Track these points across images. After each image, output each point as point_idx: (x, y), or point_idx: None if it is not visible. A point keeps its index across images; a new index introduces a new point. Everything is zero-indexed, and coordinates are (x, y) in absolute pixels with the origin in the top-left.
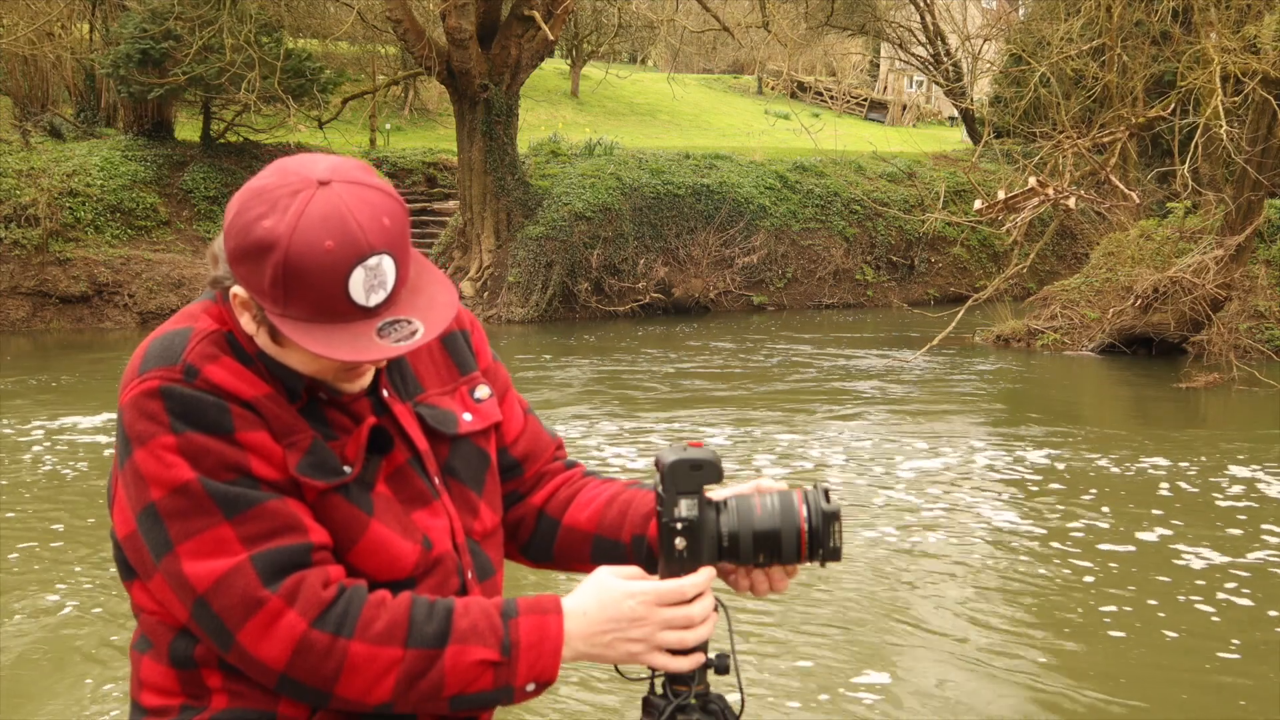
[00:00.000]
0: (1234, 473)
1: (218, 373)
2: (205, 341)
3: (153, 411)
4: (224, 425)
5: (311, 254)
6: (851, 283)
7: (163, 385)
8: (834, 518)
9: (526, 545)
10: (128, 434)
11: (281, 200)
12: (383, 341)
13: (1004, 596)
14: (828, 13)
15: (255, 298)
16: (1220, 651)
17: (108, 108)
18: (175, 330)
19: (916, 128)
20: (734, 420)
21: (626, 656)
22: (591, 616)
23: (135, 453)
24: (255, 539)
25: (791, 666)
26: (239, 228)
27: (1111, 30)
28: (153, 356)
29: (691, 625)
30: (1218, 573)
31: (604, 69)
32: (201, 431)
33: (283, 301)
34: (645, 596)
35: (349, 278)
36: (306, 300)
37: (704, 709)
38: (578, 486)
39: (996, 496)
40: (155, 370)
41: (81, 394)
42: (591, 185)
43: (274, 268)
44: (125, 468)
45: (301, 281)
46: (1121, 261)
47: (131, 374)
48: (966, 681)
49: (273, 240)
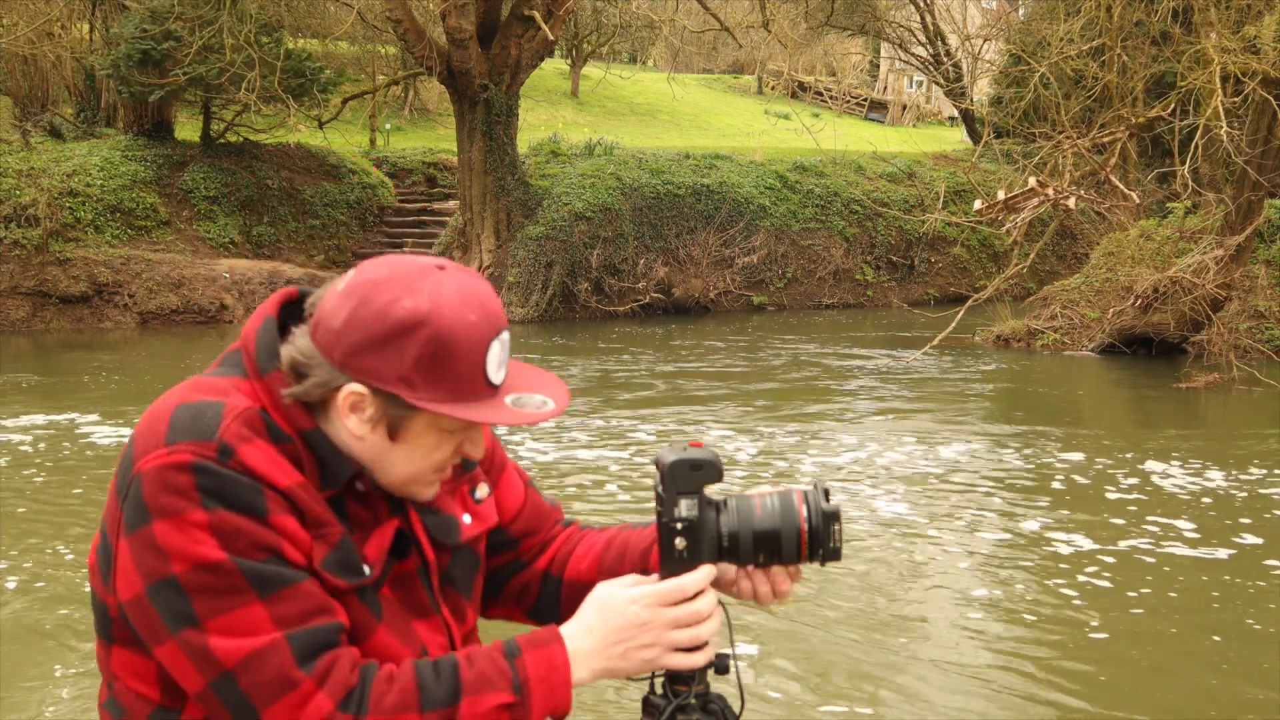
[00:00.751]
0: (1232, 473)
1: (253, 456)
2: (240, 420)
3: (182, 487)
4: (258, 507)
5: (459, 326)
6: (851, 283)
7: (194, 461)
8: (834, 518)
9: (533, 608)
10: (147, 504)
11: (414, 283)
12: (524, 410)
13: (1004, 597)
14: (828, 13)
15: (386, 388)
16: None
17: (108, 108)
18: (205, 403)
19: (916, 128)
20: (734, 420)
21: (643, 664)
22: (599, 632)
23: (155, 523)
24: (289, 619)
25: (791, 666)
26: (370, 316)
27: (1111, 30)
28: (181, 428)
29: (700, 620)
30: (1219, 570)
31: (604, 69)
32: (235, 511)
33: (424, 383)
34: (648, 599)
35: (488, 352)
36: (449, 377)
37: (704, 709)
38: (575, 541)
39: (996, 497)
40: (186, 444)
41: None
42: (591, 185)
43: (422, 345)
44: (136, 535)
45: (449, 357)
46: (1121, 261)
47: (154, 442)
48: (967, 688)
49: (420, 317)
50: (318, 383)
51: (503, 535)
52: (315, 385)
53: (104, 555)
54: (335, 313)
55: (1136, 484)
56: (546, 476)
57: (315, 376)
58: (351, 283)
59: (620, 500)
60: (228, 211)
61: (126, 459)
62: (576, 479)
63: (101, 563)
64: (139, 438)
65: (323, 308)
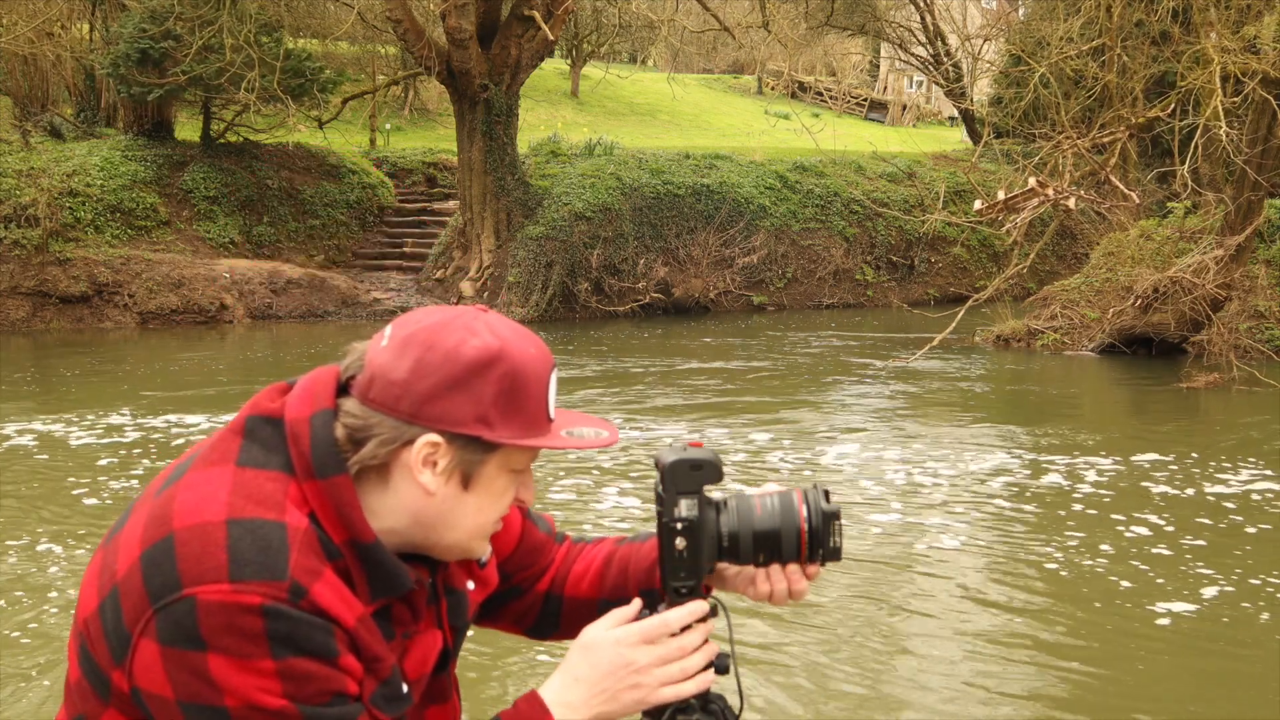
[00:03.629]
0: (1233, 473)
1: (325, 594)
2: (306, 548)
3: (251, 632)
4: (330, 650)
5: (527, 360)
6: (851, 283)
7: (266, 604)
8: (834, 517)
9: (533, 627)
10: (204, 636)
11: (471, 324)
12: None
13: (1004, 597)
14: (828, 13)
15: (465, 430)
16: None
17: (108, 108)
18: (264, 523)
19: (916, 128)
20: (733, 420)
21: (632, 704)
22: (586, 680)
23: (212, 657)
24: None
25: (790, 667)
26: (440, 360)
27: (1111, 30)
28: (248, 560)
29: (684, 655)
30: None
31: (604, 69)
32: (306, 656)
33: (501, 420)
34: (631, 639)
35: (549, 384)
36: (523, 412)
37: (704, 709)
38: (573, 557)
39: (996, 497)
40: (256, 585)
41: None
42: (591, 185)
43: (499, 381)
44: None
45: (522, 391)
46: (1121, 261)
47: (212, 569)
48: (968, 686)
49: (494, 353)
50: (383, 441)
51: (499, 572)
52: (380, 445)
53: (114, 632)
54: (395, 365)
55: (1137, 484)
56: (544, 478)
57: (379, 436)
58: (402, 336)
59: (620, 500)
60: (228, 211)
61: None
62: (575, 480)
63: (111, 637)
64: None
65: (373, 366)
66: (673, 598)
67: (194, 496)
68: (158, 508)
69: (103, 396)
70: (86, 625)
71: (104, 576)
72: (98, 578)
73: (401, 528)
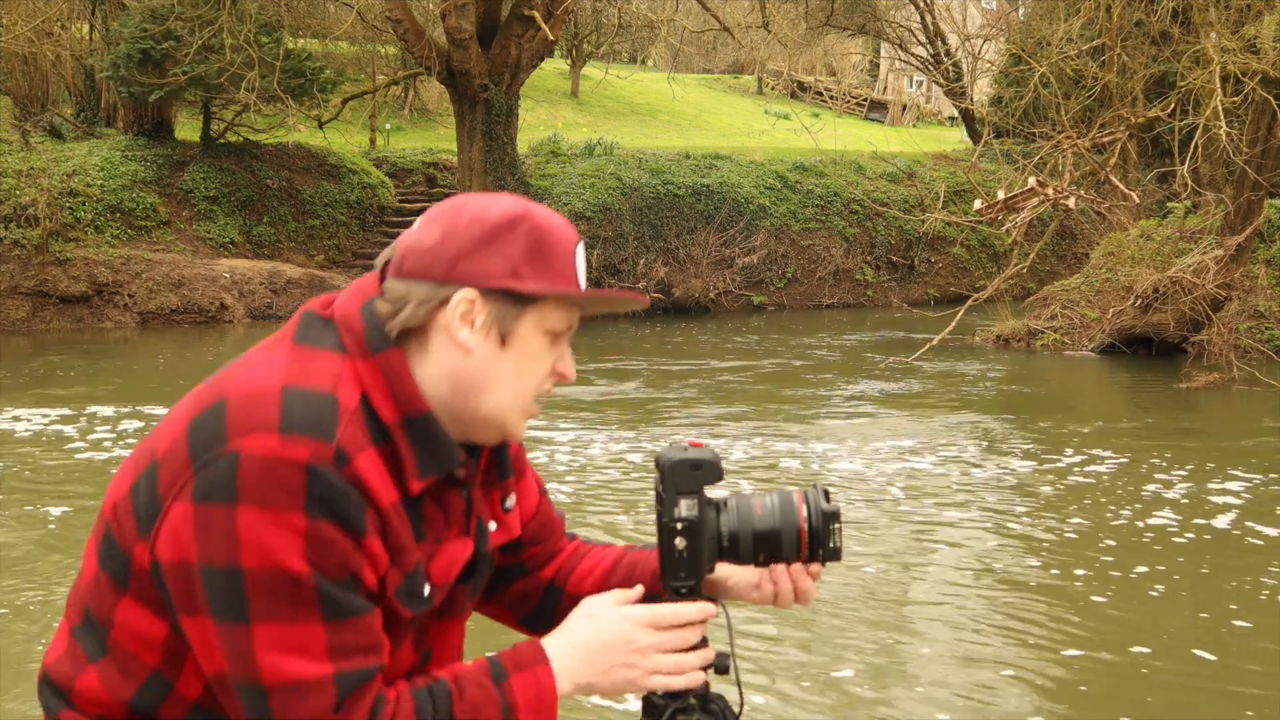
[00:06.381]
0: (1232, 473)
1: (366, 468)
2: (354, 425)
3: (291, 485)
4: (359, 524)
5: (553, 223)
6: (851, 283)
7: (311, 462)
8: (834, 517)
9: (528, 617)
10: (240, 485)
11: (493, 196)
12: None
13: (1005, 597)
14: (828, 13)
15: (499, 283)
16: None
17: (108, 108)
18: (319, 393)
19: (916, 128)
20: (732, 421)
21: (624, 683)
22: (585, 646)
23: (243, 508)
24: (343, 652)
25: (790, 666)
26: (468, 223)
27: (1111, 30)
28: (299, 418)
29: (684, 648)
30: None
31: (604, 69)
32: (336, 524)
33: (532, 274)
34: (641, 619)
35: (576, 251)
36: (552, 269)
37: (704, 709)
38: (581, 555)
39: (995, 497)
40: (305, 440)
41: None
42: (591, 185)
43: (526, 236)
44: (208, 507)
45: (550, 249)
46: (1121, 261)
47: (263, 421)
48: (969, 685)
49: (519, 213)
50: (420, 302)
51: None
52: (418, 306)
53: (146, 504)
54: (424, 236)
55: (1137, 484)
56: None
57: (415, 298)
58: (430, 215)
59: (618, 504)
60: (228, 211)
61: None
62: (573, 480)
63: (141, 509)
64: (236, 408)
65: (404, 246)
66: (672, 597)
67: (249, 369)
68: (208, 386)
69: (103, 395)
70: (114, 509)
71: (141, 457)
72: (133, 463)
73: (442, 398)
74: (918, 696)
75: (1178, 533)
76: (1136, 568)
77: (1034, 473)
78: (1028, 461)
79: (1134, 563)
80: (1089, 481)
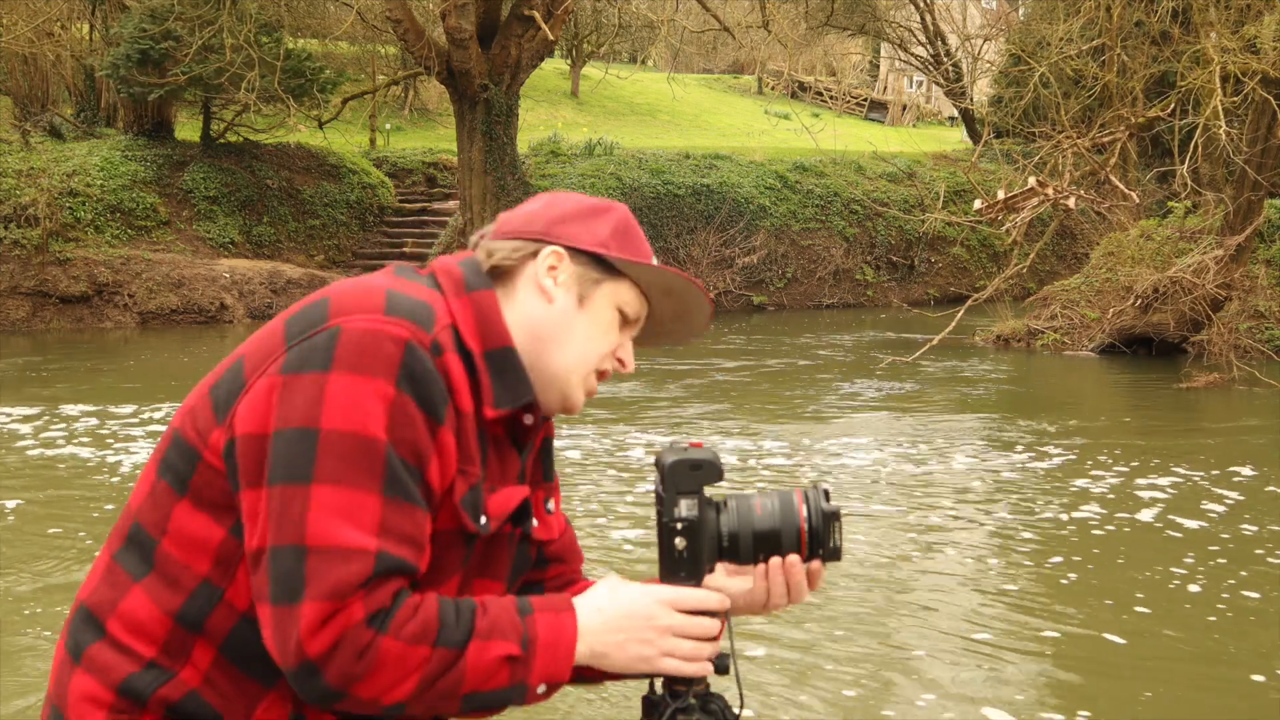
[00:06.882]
0: (1232, 472)
1: (455, 368)
2: (447, 331)
3: (389, 355)
4: (440, 413)
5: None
6: (851, 283)
7: (411, 340)
8: (834, 517)
9: None
10: (337, 353)
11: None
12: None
13: (1006, 597)
14: (828, 13)
15: (587, 248)
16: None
17: (108, 108)
18: (420, 301)
19: (916, 128)
20: (732, 421)
21: (636, 659)
22: (607, 613)
23: (335, 373)
24: (390, 533)
25: (789, 666)
26: (568, 200)
27: (1111, 30)
28: (403, 306)
29: (702, 636)
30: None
31: (604, 69)
32: (420, 405)
33: (617, 249)
34: (664, 598)
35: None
36: (636, 252)
37: (704, 709)
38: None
39: (994, 497)
40: (408, 322)
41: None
42: (591, 185)
43: (617, 221)
44: (299, 376)
45: (636, 237)
46: (1121, 261)
47: (369, 305)
48: (972, 681)
49: (614, 203)
50: (515, 248)
51: (539, 556)
52: (513, 250)
53: (227, 394)
54: (527, 209)
55: (1137, 484)
56: None
57: (510, 246)
58: (534, 198)
59: (617, 503)
60: (228, 211)
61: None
62: (572, 481)
63: (221, 399)
64: (340, 298)
65: (503, 218)
66: None
67: (351, 282)
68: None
69: (106, 393)
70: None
71: (223, 363)
72: (212, 374)
73: (523, 345)
74: (919, 696)
75: (1178, 532)
76: (1137, 567)
77: (1033, 473)
78: (1028, 462)
79: (1134, 562)
80: (1089, 482)
